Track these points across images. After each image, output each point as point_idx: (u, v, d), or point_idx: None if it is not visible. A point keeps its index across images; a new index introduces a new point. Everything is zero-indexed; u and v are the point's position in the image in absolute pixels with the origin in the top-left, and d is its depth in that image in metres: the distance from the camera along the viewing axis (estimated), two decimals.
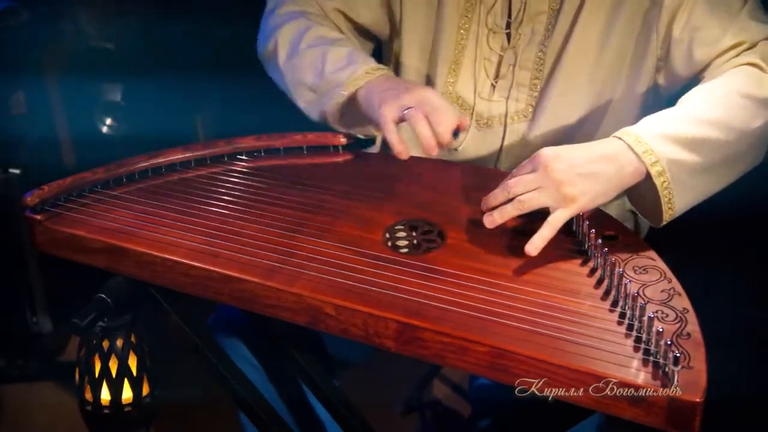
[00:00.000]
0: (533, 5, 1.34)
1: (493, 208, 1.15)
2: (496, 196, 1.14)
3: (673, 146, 1.11)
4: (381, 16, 1.46)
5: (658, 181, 1.10)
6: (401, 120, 1.19)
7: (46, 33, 2.36)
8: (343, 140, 1.40)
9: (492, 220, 1.14)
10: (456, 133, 1.21)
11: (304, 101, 1.38)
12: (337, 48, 1.35)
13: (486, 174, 1.35)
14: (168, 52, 2.31)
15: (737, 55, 1.23)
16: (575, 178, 1.09)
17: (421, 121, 1.17)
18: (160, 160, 1.34)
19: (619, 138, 1.12)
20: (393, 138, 1.19)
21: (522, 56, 1.36)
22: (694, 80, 1.27)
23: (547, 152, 1.11)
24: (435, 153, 1.18)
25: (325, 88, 1.33)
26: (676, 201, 1.12)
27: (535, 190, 1.11)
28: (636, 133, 1.12)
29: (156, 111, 2.33)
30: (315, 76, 1.34)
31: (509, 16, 1.36)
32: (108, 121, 2.46)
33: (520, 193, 1.12)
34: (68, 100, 2.48)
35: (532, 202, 1.11)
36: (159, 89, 2.34)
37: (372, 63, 1.32)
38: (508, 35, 1.37)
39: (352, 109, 1.32)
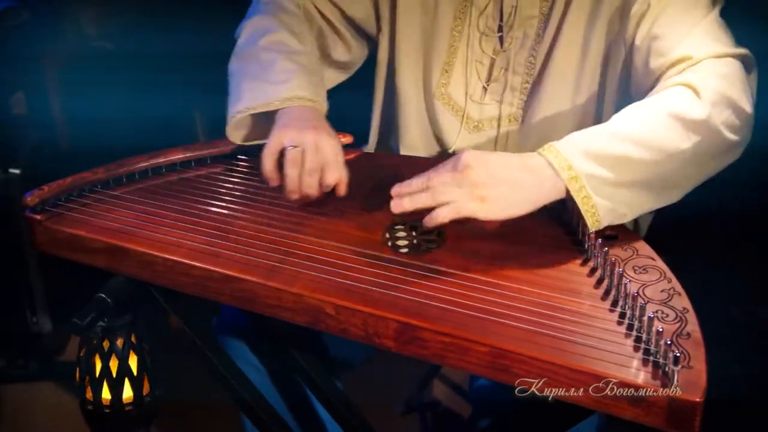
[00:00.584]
0: (524, 9, 1.34)
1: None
2: (413, 185, 1.13)
3: (593, 162, 1.09)
4: (372, 12, 1.46)
5: (576, 196, 1.09)
6: (282, 152, 1.19)
7: (46, 33, 2.36)
8: (343, 140, 1.40)
9: (400, 205, 1.12)
10: (328, 193, 1.21)
11: (232, 84, 1.34)
12: (285, 61, 1.32)
13: None
14: (168, 52, 2.31)
15: (680, 72, 1.20)
16: (492, 182, 1.09)
17: (295, 161, 1.17)
18: (160, 160, 1.34)
19: (540, 153, 1.11)
20: (265, 164, 1.20)
21: (514, 60, 1.37)
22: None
23: (471, 154, 1.10)
24: (294, 197, 1.19)
25: (250, 91, 1.30)
26: (602, 214, 1.10)
27: (451, 187, 1.10)
28: (558, 149, 1.11)
29: (156, 111, 2.33)
30: (251, 77, 1.32)
31: (501, 19, 1.36)
32: (107, 120, 2.46)
33: (437, 186, 1.10)
34: (68, 100, 2.48)
35: (443, 195, 1.10)
36: (159, 89, 2.34)
37: (301, 91, 1.28)
38: (501, 39, 1.37)
39: (260, 122, 1.31)
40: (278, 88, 1.28)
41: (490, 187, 1.09)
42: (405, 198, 1.12)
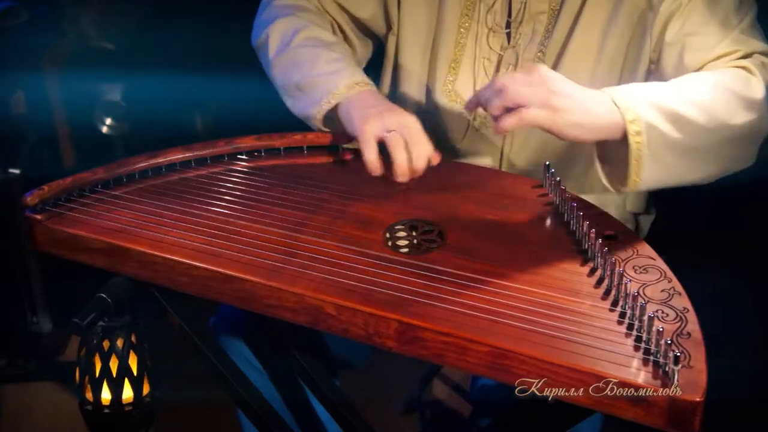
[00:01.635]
0: (534, 5, 1.34)
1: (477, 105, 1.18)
2: (486, 90, 1.15)
3: (656, 113, 1.12)
4: (379, 12, 1.46)
5: (632, 141, 1.11)
6: (381, 140, 1.21)
7: (46, 33, 2.36)
8: (343, 140, 1.41)
9: (475, 104, 1.17)
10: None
11: (290, 98, 1.39)
12: (328, 52, 1.35)
13: (486, 174, 1.35)
14: (168, 52, 2.31)
15: (732, 60, 1.24)
16: (566, 95, 1.11)
17: (400, 145, 1.21)
18: (160, 160, 1.34)
19: (605, 91, 1.14)
20: (371, 155, 1.22)
21: (522, 56, 1.36)
22: None
23: (546, 68, 1.13)
24: (405, 179, 1.22)
25: (309, 90, 1.33)
26: (645, 170, 1.13)
27: (526, 87, 1.11)
28: (624, 92, 1.13)
29: (156, 110, 2.33)
30: (302, 76, 1.34)
31: (509, 15, 1.36)
32: (108, 121, 2.46)
33: (510, 86, 1.11)
34: (68, 100, 2.48)
35: (519, 94, 1.11)
36: (159, 89, 2.34)
37: (357, 76, 1.32)
38: (508, 35, 1.37)
39: (334, 117, 1.33)
40: (333, 79, 1.30)
41: (562, 98, 1.10)
42: (472, 98, 1.16)
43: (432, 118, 1.44)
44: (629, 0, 1.29)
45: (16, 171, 2.15)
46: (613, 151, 1.15)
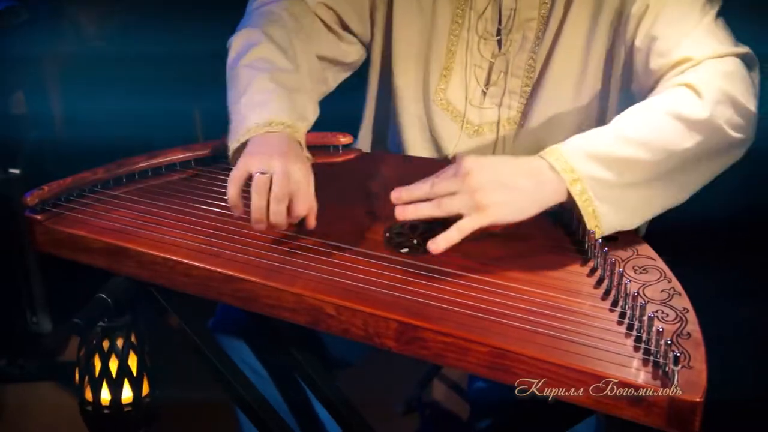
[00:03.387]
0: (523, 12, 1.34)
1: (409, 202, 1.13)
2: (414, 191, 1.12)
3: (595, 164, 1.09)
4: (367, 22, 1.44)
5: (578, 199, 1.09)
6: (249, 178, 1.12)
7: (46, 33, 2.36)
8: (343, 140, 1.41)
9: (404, 213, 1.11)
10: (298, 223, 1.14)
11: (230, 113, 1.28)
12: (265, 81, 1.25)
13: None
14: (168, 52, 2.31)
15: (682, 72, 1.20)
16: (491, 188, 1.08)
17: (262, 190, 1.10)
18: (160, 160, 1.34)
19: (541, 156, 1.11)
20: (231, 190, 1.12)
21: (513, 63, 1.36)
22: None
23: (471, 159, 1.10)
24: (260, 228, 1.11)
25: (232, 116, 1.25)
26: (604, 219, 1.10)
27: (452, 194, 1.09)
28: (560, 151, 1.11)
29: (156, 111, 2.33)
30: (231, 99, 1.27)
31: (499, 23, 1.36)
32: (107, 120, 2.46)
33: (439, 194, 1.10)
34: (68, 99, 2.48)
35: (446, 206, 1.09)
36: (159, 89, 2.34)
37: (279, 115, 1.21)
38: (499, 42, 1.37)
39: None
40: (252, 113, 1.21)
41: (490, 193, 1.08)
42: (409, 207, 1.11)
43: (424, 126, 1.44)
44: (607, 3, 1.29)
45: (16, 171, 2.15)
46: (571, 207, 1.12)
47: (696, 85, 1.15)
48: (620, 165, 1.10)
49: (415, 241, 1.16)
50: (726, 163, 1.17)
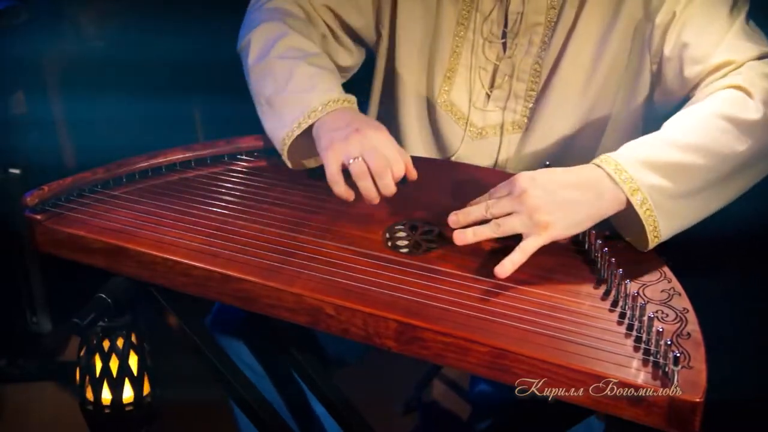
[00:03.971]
0: (530, 17, 1.33)
1: (466, 225, 1.13)
2: (472, 213, 1.12)
3: (653, 173, 1.08)
4: (371, 22, 1.44)
5: (640, 210, 1.08)
6: (345, 168, 1.16)
7: (46, 33, 2.36)
8: None
9: (464, 238, 1.11)
10: (403, 180, 1.19)
11: (261, 112, 1.32)
12: (305, 66, 1.28)
13: (486, 174, 1.35)
14: (168, 52, 2.31)
15: (724, 76, 1.20)
16: (550, 205, 1.07)
17: (363, 174, 1.15)
18: (160, 160, 1.34)
19: (598, 165, 1.10)
20: (337, 189, 1.18)
21: (519, 67, 1.36)
22: (687, 98, 1.25)
23: (524, 176, 1.09)
24: (377, 202, 1.17)
25: (280, 107, 1.27)
26: (662, 228, 1.09)
27: (510, 214, 1.09)
28: (615, 161, 1.09)
29: (156, 110, 2.33)
30: (275, 90, 1.28)
31: (505, 26, 1.35)
32: (108, 120, 2.46)
33: (497, 215, 1.10)
34: (68, 99, 2.48)
35: (506, 226, 1.09)
36: (159, 89, 2.33)
37: (333, 93, 1.25)
38: (504, 45, 1.36)
39: (303, 138, 1.26)
40: (306, 97, 1.24)
41: (548, 212, 1.07)
42: (468, 231, 1.11)
43: (427, 127, 1.44)
44: (626, 12, 1.28)
45: (16, 171, 2.15)
46: (626, 216, 1.11)
47: (745, 86, 1.15)
48: (677, 172, 1.09)
49: (415, 241, 1.16)
50: None
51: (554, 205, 1.07)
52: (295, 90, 1.26)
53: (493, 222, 1.10)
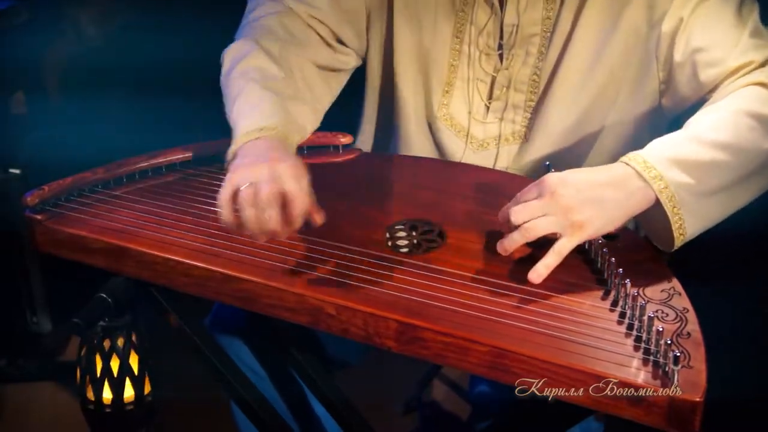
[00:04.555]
0: (525, 28, 1.33)
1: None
2: (501, 223, 1.11)
3: (682, 171, 1.08)
4: (363, 36, 1.43)
5: (668, 207, 1.07)
6: (235, 196, 1.06)
7: (46, 33, 2.36)
8: (343, 140, 1.40)
9: (503, 249, 1.09)
10: (308, 225, 1.09)
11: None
12: (253, 89, 1.23)
13: (486, 174, 1.35)
14: (168, 52, 2.31)
15: (745, 75, 1.19)
16: (583, 205, 1.06)
17: (246, 201, 1.04)
18: (160, 160, 1.34)
19: (627, 163, 1.09)
20: (224, 213, 1.07)
21: (516, 78, 1.35)
22: (701, 102, 1.24)
23: (554, 177, 1.08)
24: (263, 240, 1.08)
25: (232, 126, 1.22)
26: (688, 226, 1.09)
27: (541, 216, 1.07)
28: (644, 158, 1.09)
29: (156, 110, 2.33)
30: (228, 109, 1.25)
31: (501, 38, 1.35)
32: (108, 120, 2.46)
33: (527, 219, 1.07)
34: (68, 99, 2.48)
35: (538, 229, 1.07)
36: (159, 88, 2.33)
37: (264, 120, 1.18)
38: (501, 56, 1.36)
39: None
40: (241, 122, 1.19)
41: (582, 211, 1.06)
42: (504, 241, 1.09)
43: (429, 141, 1.43)
44: (626, 21, 1.27)
45: (16, 171, 2.15)
46: (652, 214, 1.10)
47: (766, 82, 1.15)
48: (705, 170, 1.09)
49: (415, 241, 1.16)
50: None
51: (587, 204, 1.06)
52: (237, 111, 1.22)
53: (522, 227, 1.07)
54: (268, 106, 1.21)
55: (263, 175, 1.06)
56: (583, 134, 1.35)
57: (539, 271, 1.05)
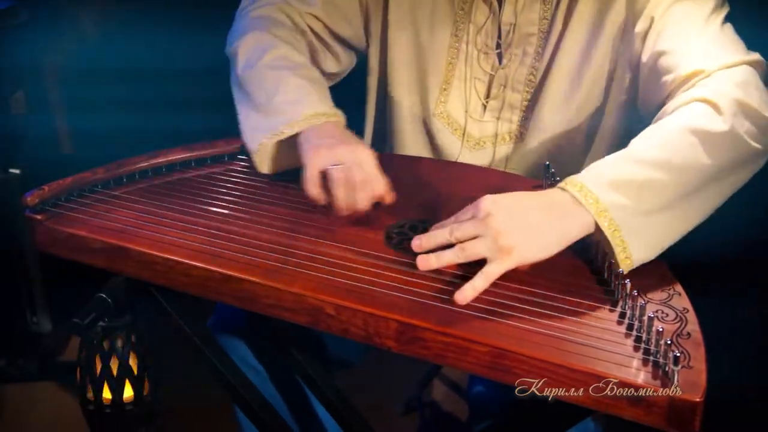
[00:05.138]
0: (523, 27, 1.33)
1: (431, 250, 1.09)
2: (436, 237, 1.08)
3: (618, 192, 1.05)
4: (360, 32, 1.44)
5: (608, 232, 1.04)
6: (324, 173, 1.16)
7: (46, 33, 2.36)
8: None
9: (427, 264, 1.07)
10: (377, 204, 1.18)
11: (244, 117, 1.31)
12: (294, 78, 1.28)
13: (486, 174, 1.35)
14: (168, 52, 2.32)
15: (693, 86, 1.17)
16: (513, 230, 1.03)
17: (340, 183, 1.14)
18: (160, 160, 1.34)
19: (563, 189, 1.07)
20: (311, 190, 1.16)
21: (513, 77, 1.36)
22: (662, 105, 1.22)
23: (488, 200, 1.05)
24: (345, 214, 1.16)
25: (270, 114, 1.26)
26: (633, 249, 1.06)
27: (474, 238, 1.05)
28: (581, 182, 1.06)
29: (156, 110, 2.33)
30: (264, 100, 1.27)
31: (499, 37, 1.35)
32: (107, 120, 2.46)
33: (461, 239, 1.06)
34: (68, 99, 2.48)
35: (469, 251, 1.05)
36: (159, 89, 2.34)
37: (322, 106, 1.25)
38: (499, 55, 1.36)
39: (284, 147, 1.26)
40: (296, 107, 1.24)
41: (513, 235, 1.03)
42: (432, 256, 1.07)
43: (425, 139, 1.44)
44: (610, 20, 1.27)
45: (16, 171, 2.15)
46: (597, 240, 1.08)
47: (712, 99, 1.12)
48: (644, 190, 1.06)
49: None
50: (746, 176, 1.13)
51: (518, 229, 1.04)
52: (283, 100, 1.25)
53: (458, 246, 1.06)
54: (315, 93, 1.27)
55: (348, 158, 1.15)
56: (577, 133, 1.35)
57: (465, 293, 1.01)
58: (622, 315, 1.00)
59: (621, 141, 1.30)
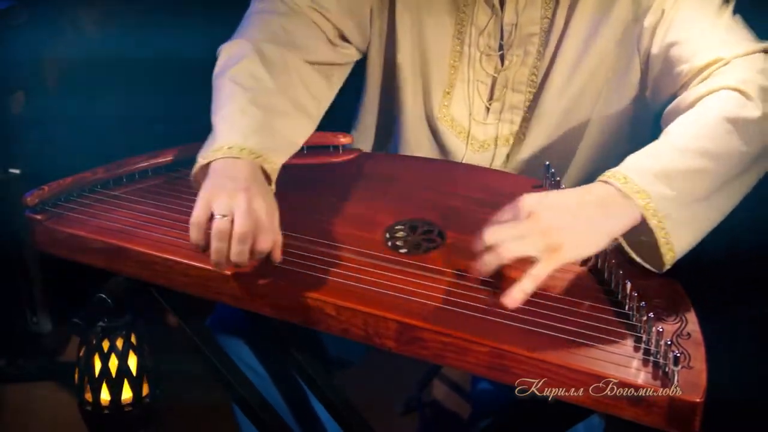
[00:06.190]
0: (524, 27, 1.33)
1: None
2: (477, 246, 1.02)
3: (663, 183, 1.03)
4: (366, 33, 1.42)
5: (652, 222, 1.02)
6: (210, 220, 1.04)
7: (46, 33, 2.36)
8: (343, 140, 1.40)
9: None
10: (268, 258, 1.07)
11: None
12: (243, 99, 1.19)
13: (487, 174, 1.35)
14: (168, 52, 2.31)
15: (711, 75, 1.17)
16: (561, 227, 1.00)
17: (222, 235, 1.02)
18: (160, 160, 1.34)
19: (606, 182, 1.04)
20: (192, 234, 1.04)
21: (515, 78, 1.35)
22: (675, 96, 1.22)
23: (531, 198, 1.02)
24: (222, 269, 1.06)
25: (212, 126, 1.19)
26: (675, 240, 1.04)
27: (517, 238, 1.00)
28: (624, 174, 1.04)
29: (156, 110, 2.33)
30: (213, 111, 1.22)
31: (501, 38, 1.35)
32: (107, 120, 2.46)
33: (500, 241, 1.00)
34: (68, 99, 2.48)
35: (512, 251, 0.99)
36: (159, 89, 2.33)
37: (251, 140, 1.13)
38: (502, 57, 1.36)
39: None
40: (223, 134, 1.15)
41: (561, 233, 0.99)
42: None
43: (430, 142, 1.43)
44: (616, 15, 1.27)
45: (16, 171, 2.15)
46: (638, 232, 1.05)
47: (739, 87, 1.12)
48: (686, 179, 1.05)
49: (415, 241, 1.16)
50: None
51: (566, 226, 1.00)
52: (221, 119, 1.18)
53: (500, 248, 1.00)
54: (254, 125, 1.17)
55: (241, 206, 1.03)
56: (572, 125, 1.35)
57: (514, 296, 0.98)
58: (622, 315, 1.00)
59: (618, 136, 1.30)
